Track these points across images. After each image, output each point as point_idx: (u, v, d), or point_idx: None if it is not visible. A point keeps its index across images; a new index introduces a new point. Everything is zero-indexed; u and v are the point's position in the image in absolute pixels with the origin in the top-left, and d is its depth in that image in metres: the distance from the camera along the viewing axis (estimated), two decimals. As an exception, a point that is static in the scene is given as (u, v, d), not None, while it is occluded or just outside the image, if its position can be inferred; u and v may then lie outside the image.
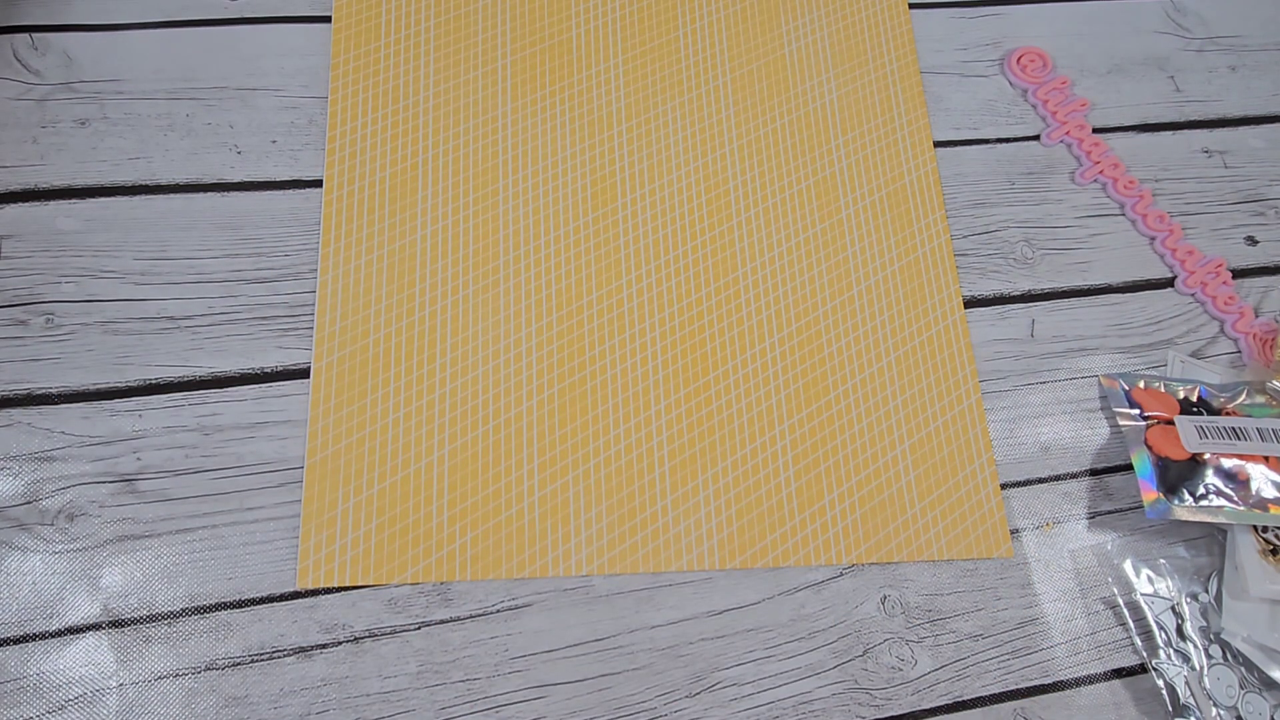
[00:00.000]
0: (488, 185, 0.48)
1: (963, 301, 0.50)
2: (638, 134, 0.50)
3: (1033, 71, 0.56)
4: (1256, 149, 0.57)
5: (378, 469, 0.42)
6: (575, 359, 0.45)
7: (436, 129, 0.49)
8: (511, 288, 0.46)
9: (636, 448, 0.44)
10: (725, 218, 0.50)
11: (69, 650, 0.38)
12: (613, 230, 0.48)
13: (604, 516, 0.43)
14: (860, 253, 0.50)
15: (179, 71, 0.48)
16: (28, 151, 0.45)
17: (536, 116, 0.50)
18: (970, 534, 0.45)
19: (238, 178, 0.46)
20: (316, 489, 0.41)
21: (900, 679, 0.43)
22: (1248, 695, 0.44)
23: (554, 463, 0.44)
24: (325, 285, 0.45)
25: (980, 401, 0.48)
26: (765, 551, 0.43)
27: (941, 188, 0.52)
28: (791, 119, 0.52)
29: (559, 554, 0.42)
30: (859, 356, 0.48)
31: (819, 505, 0.45)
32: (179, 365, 0.42)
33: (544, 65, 0.51)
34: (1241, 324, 0.51)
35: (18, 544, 0.39)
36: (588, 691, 0.40)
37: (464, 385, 0.44)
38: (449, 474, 0.42)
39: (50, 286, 0.43)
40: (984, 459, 0.47)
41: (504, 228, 0.47)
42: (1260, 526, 0.46)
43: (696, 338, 0.47)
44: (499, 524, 0.42)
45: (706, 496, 0.44)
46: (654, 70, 0.52)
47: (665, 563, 0.43)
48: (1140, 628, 0.45)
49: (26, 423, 0.41)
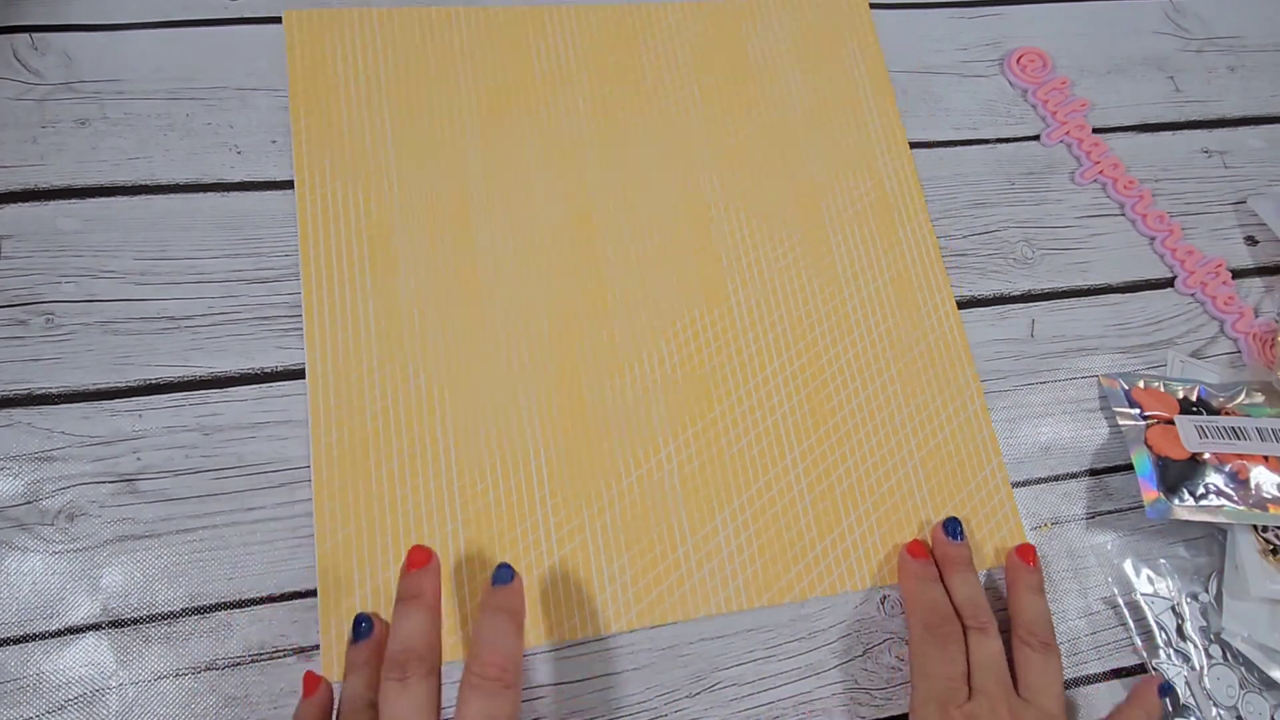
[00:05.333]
0: (462, 233, 0.46)
1: (955, 303, 0.49)
2: (613, 164, 0.49)
3: (1033, 71, 0.56)
4: (1256, 149, 0.57)
5: (390, 550, 0.41)
6: (575, 407, 0.44)
7: (404, 183, 0.46)
8: (503, 341, 0.44)
9: (650, 494, 0.43)
10: (707, 242, 0.48)
11: (69, 650, 0.38)
12: (598, 268, 0.47)
13: (626, 569, 0.42)
14: (849, 265, 0.49)
15: (179, 71, 0.48)
16: (28, 151, 0.45)
17: (507, 158, 0.48)
18: (987, 543, 0.45)
19: (238, 178, 0.46)
20: (330, 578, 0.40)
21: (900, 679, 0.43)
22: (1248, 695, 0.44)
23: (569, 520, 0.42)
24: (314, 367, 0.43)
25: (985, 407, 0.48)
26: (791, 585, 0.43)
27: (921, 189, 0.52)
28: (763, 130, 0.51)
29: (587, 614, 0.41)
30: (860, 373, 0.47)
31: (839, 530, 0.44)
32: (179, 365, 0.42)
33: (509, 106, 0.49)
34: (1241, 324, 0.51)
35: (18, 544, 0.39)
36: (588, 691, 0.40)
37: (467, 451, 0.42)
38: (464, 546, 0.41)
39: (50, 286, 0.43)
40: (994, 464, 0.47)
41: (484, 275, 0.45)
42: (1260, 526, 0.46)
43: (696, 372, 0.46)
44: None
45: (727, 536, 0.43)
46: (621, 96, 0.50)
47: (694, 609, 0.42)
48: (1140, 628, 0.45)
49: (26, 423, 0.41)
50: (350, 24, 0.49)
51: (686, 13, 0.53)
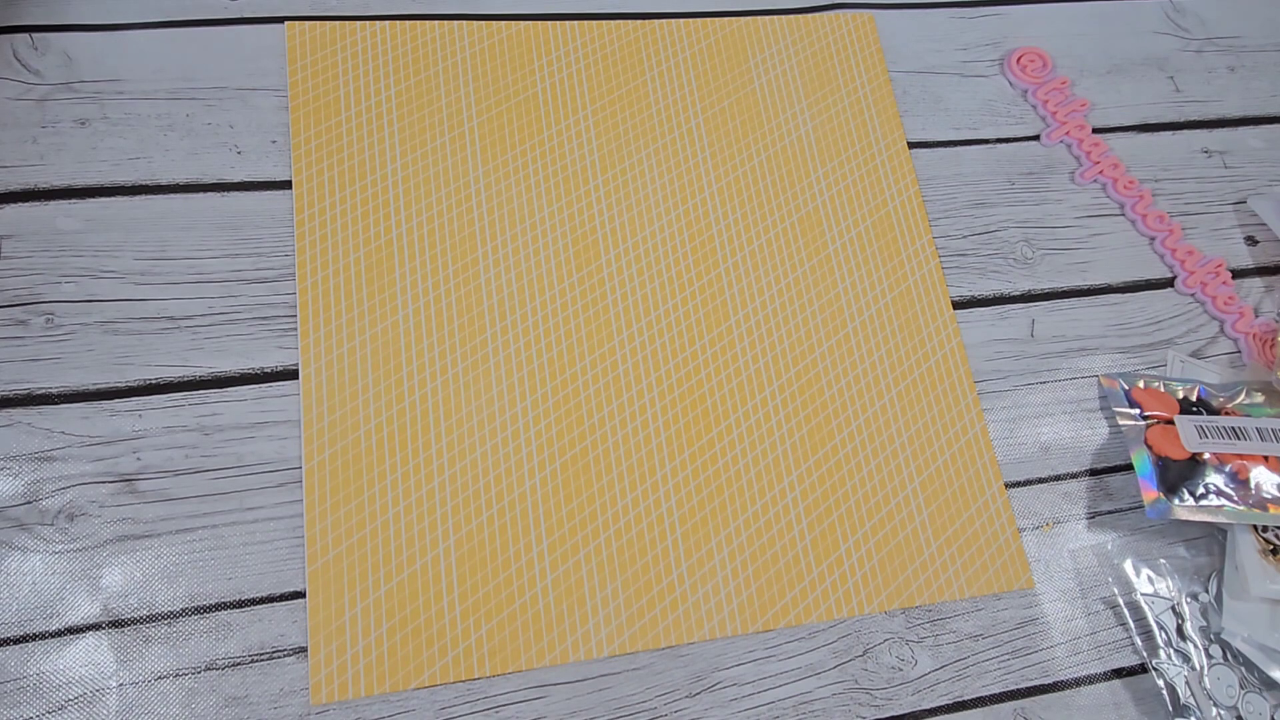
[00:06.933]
0: (466, 256, 0.46)
1: (959, 329, 0.49)
2: (614, 185, 0.49)
3: (1033, 71, 0.56)
4: (1256, 149, 0.57)
5: (382, 569, 0.40)
6: (574, 430, 0.44)
7: (406, 202, 0.46)
8: (501, 361, 0.44)
9: (646, 516, 0.43)
10: (712, 265, 0.48)
11: (69, 650, 0.38)
12: (599, 289, 0.46)
13: (620, 593, 0.42)
14: (851, 288, 0.49)
15: (179, 71, 0.48)
16: (28, 151, 0.45)
17: (510, 178, 0.48)
18: (989, 568, 0.45)
19: (238, 178, 0.46)
20: (321, 598, 0.40)
21: (900, 679, 0.43)
22: (1248, 695, 0.44)
23: (563, 542, 0.42)
24: (308, 380, 0.43)
25: (985, 431, 0.47)
26: (786, 610, 0.43)
27: (926, 212, 0.51)
28: (769, 155, 0.51)
29: (578, 637, 0.41)
30: (860, 396, 0.47)
31: (835, 556, 0.44)
32: (179, 365, 0.42)
33: (512, 124, 0.49)
34: (1241, 324, 0.51)
35: (18, 544, 0.39)
36: (588, 691, 0.40)
37: (462, 471, 0.42)
38: (456, 567, 0.41)
39: (50, 286, 0.43)
40: (995, 488, 0.46)
41: (487, 299, 0.45)
42: (1260, 526, 0.46)
43: (695, 394, 0.45)
44: (513, 614, 0.40)
45: (722, 560, 0.43)
46: (625, 118, 0.50)
47: (687, 633, 0.41)
48: (1140, 628, 0.45)
49: (26, 423, 0.41)
50: (351, 35, 0.49)
51: (692, 29, 0.53)
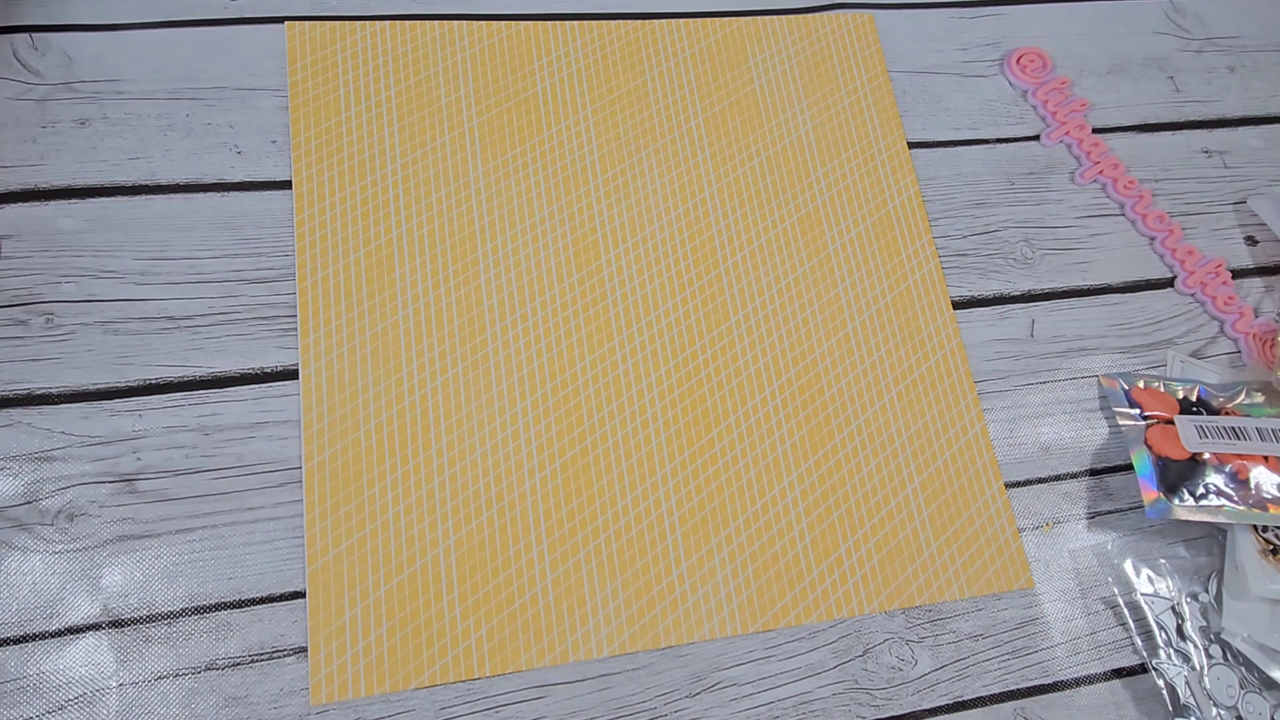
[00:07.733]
0: (466, 256, 0.46)
1: (959, 331, 0.49)
2: (614, 185, 0.49)
3: (1033, 71, 0.56)
4: (1256, 149, 0.57)
5: (382, 569, 0.40)
6: (574, 430, 0.44)
7: (406, 202, 0.46)
8: (501, 361, 0.44)
9: (646, 516, 0.43)
10: (712, 265, 0.48)
11: (69, 650, 0.38)
12: (599, 290, 0.46)
13: (620, 593, 0.42)
14: (851, 288, 0.49)
15: (179, 71, 0.48)
16: (28, 151, 0.45)
17: (510, 178, 0.48)
18: (989, 567, 0.45)
19: (238, 178, 0.46)
20: (321, 598, 0.40)
21: (900, 679, 0.43)
22: (1248, 695, 0.44)
23: (563, 542, 0.42)
24: (308, 380, 0.43)
25: (985, 430, 0.47)
26: (786, 610, 0.43)
27: (926, 210, 0.51)
28: (769, 155, 0.51)
29: (578, 637, 0.41)
30: (860, 396, 0.47)
31: (835, 556, 0.44)
32: (179, 365, 0.42)
33: (512, 124, 0.49)
34: (1241, 324, 0.51)
35: (18, 544, 0.39)
36: (588, 691, 0.40)
37: (462, 471, 0.42)
38: (456, 567, 0.41)
39: (50, 286, 0.43)
40: (995, 488, 0.46)
41: (487, 299, 0.45)
42: (1260, 526, 0.46)
43: (695, 394, 0.45)
44: (513, 614, 0.40)
45: (722, 560, 0.43)
46: (625, 118, 0.50)
47: (687, 634, 0.41)
48: (1140, 628, 0.45)
49: (26, 423, 0.41)
50: (351, 35, 0.49)
51: (692, 29, 0.53)
